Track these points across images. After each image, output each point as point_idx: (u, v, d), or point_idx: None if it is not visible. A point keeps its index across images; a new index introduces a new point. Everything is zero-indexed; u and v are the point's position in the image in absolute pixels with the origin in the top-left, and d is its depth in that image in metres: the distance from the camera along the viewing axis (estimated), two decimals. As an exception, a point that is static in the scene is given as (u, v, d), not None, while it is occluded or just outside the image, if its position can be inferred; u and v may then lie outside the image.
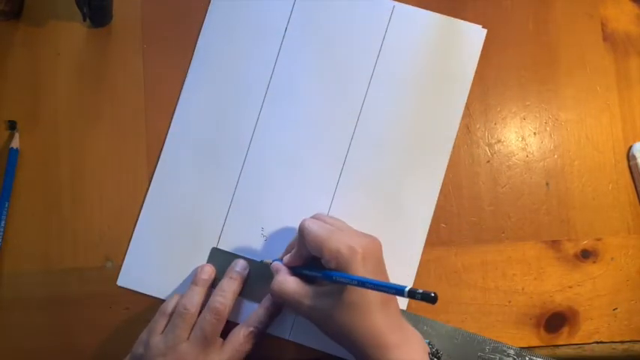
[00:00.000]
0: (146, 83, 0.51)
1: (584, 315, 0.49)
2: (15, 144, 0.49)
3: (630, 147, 0.50)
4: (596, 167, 0.50)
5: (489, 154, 0.50)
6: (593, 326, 0.49)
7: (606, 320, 0.49)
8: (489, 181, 0.50)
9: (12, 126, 0.50)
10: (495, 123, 0.51)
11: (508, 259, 0.49)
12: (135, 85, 0.51)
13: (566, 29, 0.52)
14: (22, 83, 0.51)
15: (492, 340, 0.47)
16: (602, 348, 0.49)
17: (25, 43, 0.51)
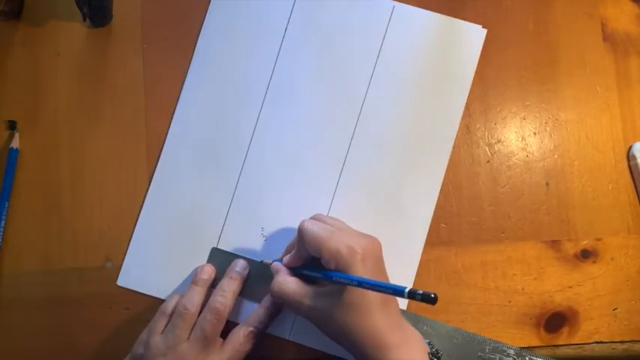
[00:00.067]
0: (146, 83, 0.51)
1: (584, 315, 0.49)
2: (15, 144, 0.49)
3: (630, 147, 0.50)
4: (596, 167, 0.50)
5: (489, 154, 0.50)
6: (593, 326, 0.49)
7: (606, 320, 0.49)
8: (489, 181, 0.50)
9: (12, 126, 0.50)
10: (495, 123, 0.51)
11: (508, 259, 0.49)
12: (135, 85, 0.51)
13: (566, 29, 0.52)
14: (22, 83, 0.51)
15: (492, 340, 0.47)
16: (602, 348, 0.49)
17: (25, 43, 0.51)
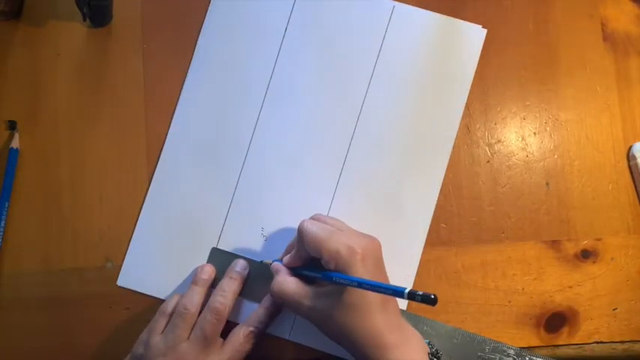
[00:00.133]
0: (146, 83, 0.51)
1: (584, 315, 0.49)
2: (15, 144, 0.49)
3: (630, 147, 0.50)
4: (596, 167, 0.50)
5: (489, 154, 0.50)
6: (593, 326, 0.49)
7: (606, 320, 0.49)
8: (489, 181, 0.50)
9: (12, 126, 0.50)
10: (495, 123, 0.51)
11: (508, 259, 0.49)
12: (135, 85, 0.51)
13: (566, 29, 0.52)
14: (22, 83, 0.51)
15: (492, 340, 0.47)
16: (602, 348, 0.49)
17: (25, 43, 0.51)
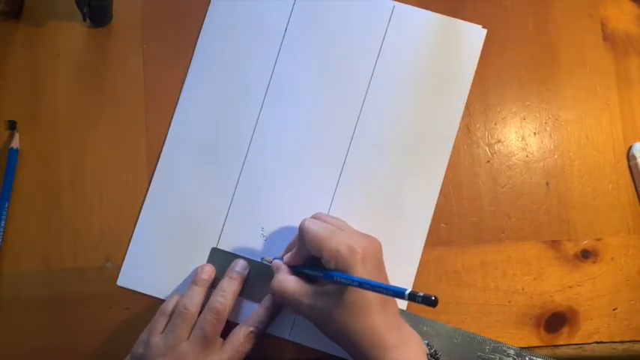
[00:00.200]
0: (146, 83, 0.51)
1: (584, 315, 0.49)
2: (15, 144, 0.49)
3: (630, 147, 0.50)
4: (596, 167, 0.50)
5: (489, 154, 0.50)
6: (593, 326, 0.49)
7: (606, 320, 0.49)
8: (489, 181, 0.50)
9: (12, 126, 0.50)
10: (495, 123, 0.51)
11: (508, 259, 0.49)
12: (135, 85, 0.51)
13: (566, 29, 0.52)
14: (22, 83, 0.51)
15: (492, 340, 0.47)
16: (602, 348, 0.49)
17: (25, 43, 0.51)
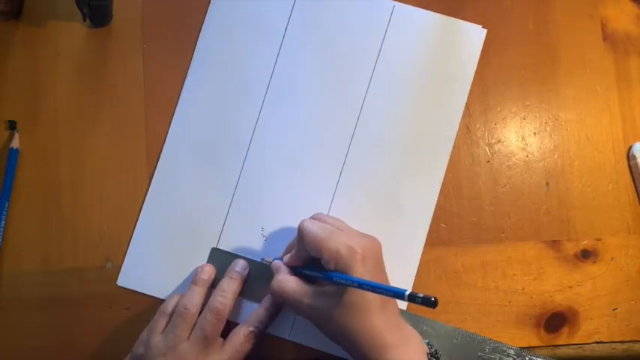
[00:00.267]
0: (146, 83, 0.51)
1: (584, 315, 0.49)
2: (15, 144, 0.49)
3: (630, 147, 0.50)
4: (596, 167, 0.50)
5: (489, 154, 0.50)
6: (593, 326, 0.49)
7: (606, 320, 0.49)
8: (489, 181, 0.50)
9: (12, 126, 0.50)
10: (495, 123, 0.51)
11: (508, 259, 0.49)
12: (135, 85, 0.51)
13: (566, 29, 0.52)
14: (22, 83, 0.51)
15: (492, 340, 0.47)
16: (602, 348, 0.49)
17: (25, 43, 0.51)
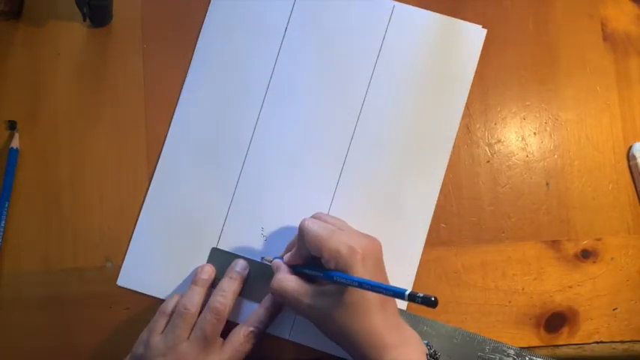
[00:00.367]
0: (146, 83, 0.51)
1: (584, 315, 0.49)
2: (15, 144, 0.49)
3: (630, 147, 0.50)
4: (596, 167, 0.50)
5: (489, 154, 0.50)
6: (593, 326, 0.49)
7: (606, 320, 0.49)
8: (489, 181, 0.50)
9: (12, 126, 0.50)
10: (495, 123, 0.51)
11: (508, 259, 0.49)
12: (135, 85, 0.51)
13: (566, 29, 0.52)
14: (22, 83, 0.51)
15: (492, 340, 0.47)
16: (602, 348, 0.49)
17: (25, 43, 0.51)
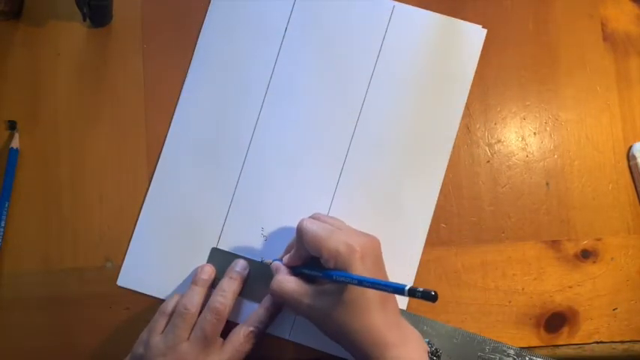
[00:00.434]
0: (146, 83, 0.51)
1: (584, 315, 0.49)
2: (15, 144, 0.49)
3: (630, 147, 0.50)
4: (596, 167, 0.50)
5: (489, 154, 0.50)
6: (593, 326, 0.49)
7: (606, 320, 0.49)
8: (489, 181, 0.50)
9: (12, 126, 0.50)
10: (495, 123, 0.51)
11: (508, 259, 0.49)
12: (135, 85, 0.51)
13: (566, 29, 0.52)
14: (22, 83, 0.51)
15: (492, 340, 0.47)
16: (602, 348, 0.49)
17: (25, 43, 0.51)
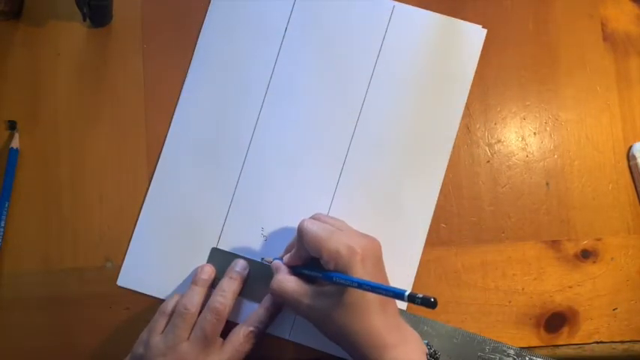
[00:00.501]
0: (146, 83, 0.51)
1: (584, 315, 0.49)
2: (15, 144, 0.49)
3: (630, 147, 0.50)
4: (596, 167, 0.50)
5: (489, 154, 0.50)
6: (593, 326, 0.49)
7: (606, 320, 0.49)
8: (489, 181, 0.50)
9: (12, 126, 0.50)
10: (495, 123, 0.51)
11: (508, 259, 0.49)
12: (135, 85, 0.51)
13: (566, 29, 0.52)
14: (22, 83, 0.51)
15: (492, 340, 0.47)
16: (602, 348, 0.49)
17: (25, 43, 0.51)
